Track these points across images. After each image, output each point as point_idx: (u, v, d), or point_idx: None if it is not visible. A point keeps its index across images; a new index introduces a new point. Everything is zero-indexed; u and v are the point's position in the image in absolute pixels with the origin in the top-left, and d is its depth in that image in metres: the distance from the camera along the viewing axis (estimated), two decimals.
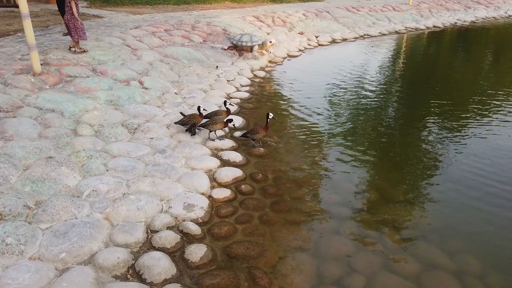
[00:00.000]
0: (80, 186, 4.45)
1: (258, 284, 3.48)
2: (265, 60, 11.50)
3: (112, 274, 3.45)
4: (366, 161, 5.88)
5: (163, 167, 5.06)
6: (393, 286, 3.55)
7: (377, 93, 9.41)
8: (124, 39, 9.78)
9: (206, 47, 11.07)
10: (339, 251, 3.98)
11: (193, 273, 3.58)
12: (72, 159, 4.95)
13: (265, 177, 5.28)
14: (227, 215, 4.44)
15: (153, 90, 7.64)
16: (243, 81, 9.47)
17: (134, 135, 5.90)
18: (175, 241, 3.89)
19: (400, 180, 5.40)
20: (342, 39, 15.73)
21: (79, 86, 6.99)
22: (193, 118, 6.05)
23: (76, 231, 3.76)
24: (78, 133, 5.67)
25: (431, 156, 6.12)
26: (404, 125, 7.44)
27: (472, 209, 4.72)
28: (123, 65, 8.26)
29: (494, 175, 5.47)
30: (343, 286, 3.53)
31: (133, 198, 4.35)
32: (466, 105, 8.64)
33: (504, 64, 13.65)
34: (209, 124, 5.96)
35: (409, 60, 13.49)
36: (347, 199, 4.87)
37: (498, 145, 6.46)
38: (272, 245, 4.02)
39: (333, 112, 8.02)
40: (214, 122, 5.96)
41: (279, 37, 13.85)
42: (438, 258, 3.91)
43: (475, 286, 3.58)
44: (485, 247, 4.08)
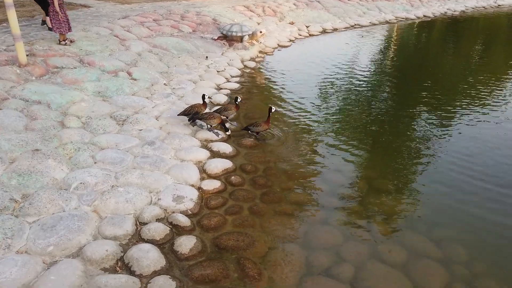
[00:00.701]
0: (67, 179, 4.40)
1: (247, 274, 3.49)
2: (255, 50, 11.43)
3: (101, 266, 3.43)
4: (356, 152, 5.90)
5: (152, 159, 5.02)
6: (381, 274, 3.59)
7: (367, 84, 9.43)
8: (112, 29, 9.63)
9: (195, 37, 10.96)
10: (328, 241, 4.01)
11: (183, 265, 3.58)
12: (59, 151, 4.89)
13: (255, 168, 5.27)
14: (217, 206, 4.43)
15: (142, 81, 7.55)
16: (233, 72, 9.41)
17: (123, 127, 5.84)
18: (165, 233, 3.88)
19: (390, 171, 5.44)
20: (332, 29, 15.68)
21: (66, 77, 6.88)
22: (194, 107, 6.03)
23: (64, 224, 3.73)
24: (66, 125, 5.60)
25: (420, 147, 6.17)
26: (394, 116, 7.48)
27: (459, 199, 4.78)
28: (111, 56, 8.15)
29: (482, 166, 5.52)
30: (332, 275, 3.56)
31: (122, 190, 4.32)
32: (456, 95, 8.69)
33: (494, 54, 13.75)
34: (206, 118, 5.91)
35: (399, 50, 13.51)
36: (337, 190, 4.89)
37: (487, 135, 6.53)
38: (262, 235, 4.03)
39: (324, 103, 8.02)
40: (212, 117, 5.91)
41: (270, 27, 13.75)
42: (425, 246, 3.96)
43: (461, 273, 3.63)
44: (471, 236, 4.14)
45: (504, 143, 6.24)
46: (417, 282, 3.51)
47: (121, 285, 3.22)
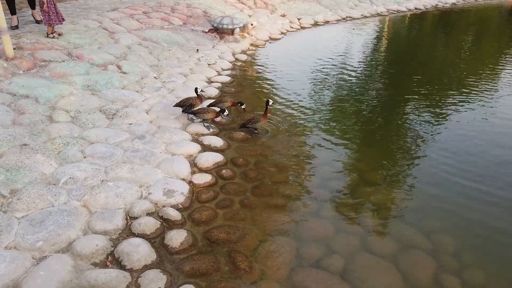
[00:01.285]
0: (56, 174, 4.35)
1: (238, 267, 3.50)
2: (246, 43, 11.37)
3: (91, 261, 3.42)
4: (347, 145, 5.92)
5: (142, 153, 4.99)
6: (371, 266, 3.62)
7: (359, 77, 9.44)
8: (101, 22, 9.50)
9: (186, 30, 10.86)
10: (319, 233, 4.03)
11: (174, 258, 3.58)
12: (48, 146, 4.83)
13: (246, 162, 5.27)
14: (207, 200, 4.43)
15: (132, 74, 7.48)
16: (225, 65, 9.36)
17: (112, 121, 5.79)
18: (155, 227, 3.87)
19: (381, 164, 5.46)
20: (324, 21, 15.64)
21: (54, 70, 6.78)
22: (189, 100, 6.01)
23: (53, 219, 3.70)
24: (54, 119, 5.53)
25: (411, 140, 6.21)
26: (386, 109, 7.51)
27: (449, 190, 4.82)
28: (100, 49, 8.05)
29: (472, 159, 5.57)
30: (322, 267, 3.59)
31: (112, 185, 4.29)
32: (447, 88, 8.75)
33: (484, 46, 13.84)
34: (201, 112, 5.87)
35: (391, 43, 13.54)
36: (328, 183, 4.91)
37: (478, 129, 6.58)
38: (253, 228, 4.04)
39: (315, 96, 8.02)
40: (206, 111, 5.86)
41: (261, 19, 13.67)
42: (415, 238, 4.00)
43: (449, 264, 3.68)
44: (461, 227, 4.18)
45: (495, 136, 6.29)
46: (406, 272, 3.55)
47: (112, 279, 3.21)
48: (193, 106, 6.02)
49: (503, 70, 10.33)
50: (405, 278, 3.50)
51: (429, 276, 3.54)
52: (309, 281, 3.41)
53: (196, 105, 6.03)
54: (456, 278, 3.51)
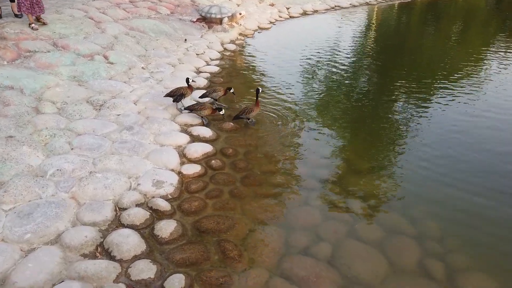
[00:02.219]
0: (43, 166, 4.32)
1: (228, 256, 3.54)
2: (235, 32, 11.30)
3: (80, 253, 3.42)
4: (335, 134, 5.97)
5: (130, 144, 4.97)
6: (358, 252, 3.69)
7: (347, 67, 9.48)
8: (87, 11, 9.34)
9: (173, 20, 10.74)
10: (307, 221, 4.08)
11: (163, 249, 3.60)
12: (34, 138, 4.79)
13: (236, 152, 5.28)
14: (197, 190, 4.44)
15: (119, 64, 7.40)
16: (213, 55, 9.30)
17: (100, 112, 5.74)
18: (145, 218, 3.88)
19: (368, 153, 5.53)
20: (313, 10, 15.61)
21: (40, 61, 6.68)
22: (180, 89, 5.99)
23: (41, 211, 3.69)
24: (40, 110, 5.46)
25: (398, 127, 6.28)
26: (374, 98, 7.57)
27: (433, 178, 4.91)
28: (86, 39, 7.93)
29: (457, 147, 5.66)
30: (311, 254, 3.65)
31: (100, 176, 4.28)
32: (435, 78, 8.83)
33: (472, 34, 13.96)
34: (197, 109, 5.83)
35: (379, 32, 13.58)
36: (316, 172, 4.96)
37: (465, 116, 6.68)
38: (242, 218, 4.08)
39: (304, 85, 8.04)
40: (203, 107, 5.81)
41: (250, 8, 13.58)
42: (400, 224, 4.08)
43: (434, 249, 3.76)
44: (445, 214, 4.27)
45: (481, 126, 6.39)
46: (391, 258, 3.63)
47: (101, 270, 3.22)
48: (184, 96, 6.00)
49: (489, 58, 10.45)
50: (391, 263, 3.58)
51: (414, 261, 3.62)
52: (298, 268, 3.47)
53: (186, 94, 6.01)
54: (440, 262, 3.60)
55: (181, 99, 6.00)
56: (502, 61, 10.14)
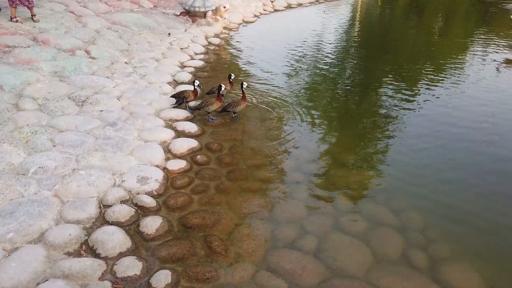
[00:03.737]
0: (25, 164, 4.24)
1: (214, 251, 3.55)
2: (219, 26, 11.22)
3: (64, 251, 3.39)
4: (321, 127, 6.01)
5: (114, 140, 4.91)
6: (343, 244, 3.75)
7: (333, 59, 9.52)
8: (67, 5, 9.15)
9: (157, 13, 10.60)
10: (293, 215, 4.12)
11: (149, 245, 3.59)
12: (15, 135, 4.69)
13: (221, 147, 5.28)
14: (182, 186, 4.43)
15: (101, 59, 7.28)
16: (197, 49, 9.23)
17: (82, 108, 5.65)
18: (130, 215, 3.86)
19: (353, 146, 5.59)
20: (297, 3, 15.60)
21: (19, 57, 6.52)
22: (184, 93, 5.95)
23: (24, 210, 3.63)
24: (21, 107, 5.35)
25: (382, 121, 6.35)
26: (359, 91, 7.63)
27: (417, 171, 5.00)
28: (67, 34, 7.77)
29: (441, 140, 5.75)
30: (297, 247, 3.68)
31: (83, 173, 4.22)
32: (419, 70, 8.95)
33: (455, 27, 14.15)
34: (204, 106, 5.77)
35: (363, 24, 13.67)
36: (302, 165, 4.99)
37: (448, 109, 6.79)
38: (228, 213, 4.09)
39: (289, 79, 8.05)
40: (210, 103, 5.75)
41: (234, 2, 13.50)
42: (384, 216, 4.15)
43: (416, 239, 3.84)
44: (427, 205, 4.36)
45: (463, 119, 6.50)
46: (376, 249, 3.70)
47: (86, 268, 3.20)
48: (186, 99, 5.95)
49: (471, 50, 10.63)
50: (375, 254, 3.65)
51: (398, 252, 3.70)
52: (284, 262, 3.50)
53: (189, 98, 5.96)
54: (422, 252, 3.68)
55: (183, 102, 5.96)
56: (483, 52, 10.34)
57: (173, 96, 6.09)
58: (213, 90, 6.27)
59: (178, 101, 6.02)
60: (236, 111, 5.93)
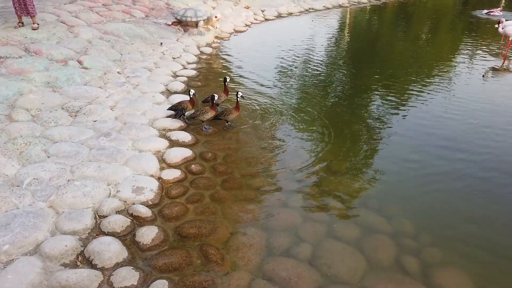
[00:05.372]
0: (19, 175, 4.24)
1: (210, 260, 3.58)
2: (211, 36, 11.32)
3: (61, 262, 3.39)
4: (314, 135, 6.10)
5: (108, 150, 4.93)
6: (337, 251, 3.81)
7: (323, 68, 9.66)
8: (59, 15, 9.16)
9: (149, 23, 10.66)
10: (288, 223, 4.17)
11: (146, 255, 3.61)
12: (9, 146, 4.68)
13: (215, 156, 5.32)
14: (177, 195, 4.46)
15: (94, 69, 7.30)
16: (190, 58, 9.30)
17: (76, 119, 5.66)
18: (125, 225, 3.87)
19: (345, 153, 5.67)
20: (288, 13, 15.80)
21: (11, 67, 6.52)
22: (182, 104, 5.97)
23: (19, 222, 3.63)
24: (14, 118, 5.34)
25: (374, 128, 6.46)
26: (349, 99, 7.75)
27: (408, 177, 5.10)
28: (59, 44, 7.79)
29: (432, 147, 5.87)
30: (292, 255, 3.73)
31: (78, 184, 4.23)
32: (407, 77, 9.13)
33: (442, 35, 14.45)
34: (199, 114, 5.82)
35: (352, 33, 13.88)
36: (295, 173, 5.06)
37: (437, 116, 6.94)
38: (224, 221, 4.13)
39: (281, 88, 8.15)
40: (204, 111, 5.80)
41: (225, 11, 13.63)
42: (376, 222, 4.22)
43: (409, 245, 3.92)
44: (419, 211, 4.45)
45: (453, 125, 6.64)
46: (369, 255, 3.76)
47: (83, 279, 3.20)
48: (185, 110, 5.99)
49: (457, 56, 10.88)
50: (368, 261, 3.71)
51: (391, 258, 3.77)
52: (280, 269, 3.54)
53: (187, 109, 6.00)
54: (415, 258, 3.76)
55: (181, 113, 6.01)
56: (469, 58, 10.59)
57: (171, 109, 6.10)
58: (208, 99, 6.33)
59: (177, 113, 6.04)
60: (228, 119, 5.99)
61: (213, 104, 5.87)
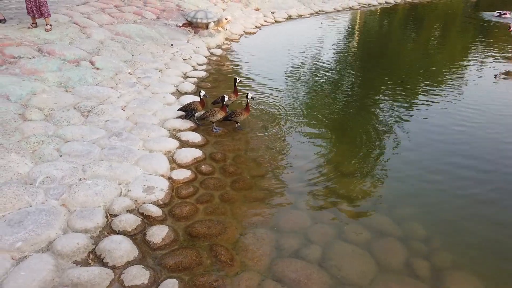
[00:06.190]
0: (32, 173, 4.30)
1: (220, 260, 3.59)
2: (221, 37, 11.37)
3: (72, 260, 3.43)
4: (323, 137, 6.09)
5: (120, 150, 4.98)
6: (346, 254, 3.79)
7: (333, 70, 9.64)
8: (72, 16, 9.28)
9: (159, 24, 10.74)
10: (297, 224, 4.16)
11: (156, 254, 3.63)
12: (22, 145, 4.75)
13: (225, 157, 5.34)
14: (187, 195, 4.48)
15: (106, 70, 7.38)
16: (200, 60, 9.35)
17: (88, 118, 5.73)
18: (136, 224, 3.90)
19: (354, 154, 5.65)
20: (298, 15, 15.81)
21: (25, 67, 6.61)
22: (192, 105, 6.00)
23: (32, 219, 3.67)
24: (27, 117, 5.42)
25: (384, 130, 6.42)
26: (359, 102, 7.73)
27: (419, 180, 5.07)
28: (72, 44, 7.88)
29: (441, 149, 5.84)
30: (301, 256, 3.73)
31: (90, 183, 4.28)
32: (417, 80, 9.07)
33: (452, 38, 14.34)
34: (209, 115, 5.85)
35: (363, 36, 13.83)
36: (304, 175, 5.05)
37: (448, 118, 6.89)
38: (233, 222, 4.14)
39: (290, 90, 8.15)
40: (214, 112, 5.84)
41: (235, 13, 13.68)
42: (387, 226, 4.20)
43: (420, 249, 3.89)
44: (429, 214, 4.42)
45: (464, 128, 6.59)
46: (379, 258, 3.74)
47: (95, 277, 3.24)
48: (195, 111, 6.03)
49: (469, 59, 10.78)
50: (378, 263, 3.69)
51: (401, 261, 3.74)
52: (289, 271, 3.54)
53: (197, 110, 6.04)
54: (425, 261, 3.73)
55: (191, 114, 6.04)
56: (480, 62, 10.48)
57: (181, 109, 6.14)
58: (218, 100, 6.35)
59: (187, 114, 6.07)
60: (238, 120, 6.01)
61: (223, 105, 5.90)
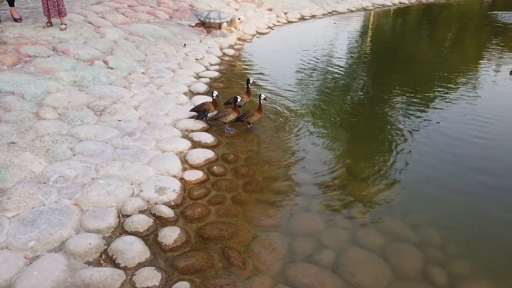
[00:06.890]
0: (46, 172, 4.32)
1: (232, 263, 3.55)
2: (234, 37, 11.34)
3: (84, 260, 3.42)
4: (335, 139, 6.02)
5: (132, 150, 4.98)
6: (360, 259, 3.72)
7: (345, 71, 9.54)
8: (86, 16, 9.34)
9: (172, 24, 10.76)
10: (310, 228, 4.10)
11: (167, 256, 3.61)
12: (36, 144, 4.78)
13: (237, 158, 5.31)
14: (199, 197, 4.46)
15: (119, 69, 7.40)
16: (212, 60, 9.34)
17: (101, 118, 5.74)
18: (148, 225, 3.89)
19: (368, 158, 5.57)
20: (311, 15, 15.71)
21: (40, 66, 6.67)
22: (204, 105, 5.99)
23: (45, 218, 3.68)
24: (41, 116, 5.46)
25: (397, 133, 6.32)
26: (372, 104, 7.62)
27: (434, 184, 4.96)
28: (86, 44, 7.93)
29: (457, 153, 5.72)
30: (314, 261, 3.67)
31: (103, 182, 4.28)
32: (431, 82, 8.91)
33: (467, 40, 14.10)
34: (221, 116, 5.84)
35: (376, 37, 13.68)
36: (317, 178, 4.99)
37: (462, 121, 6.75)
38: (245, 224, 4.10)
39: (303, 90, 8.08)
40: (226, 113, 5.82)
41: (248, 13, 13.64)
42: (402, 231, 4.11)
43: (436, 256, 3.80)
44: (446, 220, 4.31)
45: (478, 131, 6.45)
46: (394, 265, 3.66)
47: (106, 277, 3.22)
48: (207, 112, 6.01)
49: (484, 62, 10.57)
50: (393, 270, 3.61)
51: (416, 268, 3.66)
52: (302, 276, 3.49)
53: (210, 110, 6.02)
54: (442, 269, 3.64)
55: (204, 114, 6.03)
56: (497, 65, 10.26)
57: (194, 110, 6.12)
58: (230, 101, 6.32)
59: (200, 114, 6.05)
60: (251, 121, 5.98)
61: (236, 106, 5.86)
